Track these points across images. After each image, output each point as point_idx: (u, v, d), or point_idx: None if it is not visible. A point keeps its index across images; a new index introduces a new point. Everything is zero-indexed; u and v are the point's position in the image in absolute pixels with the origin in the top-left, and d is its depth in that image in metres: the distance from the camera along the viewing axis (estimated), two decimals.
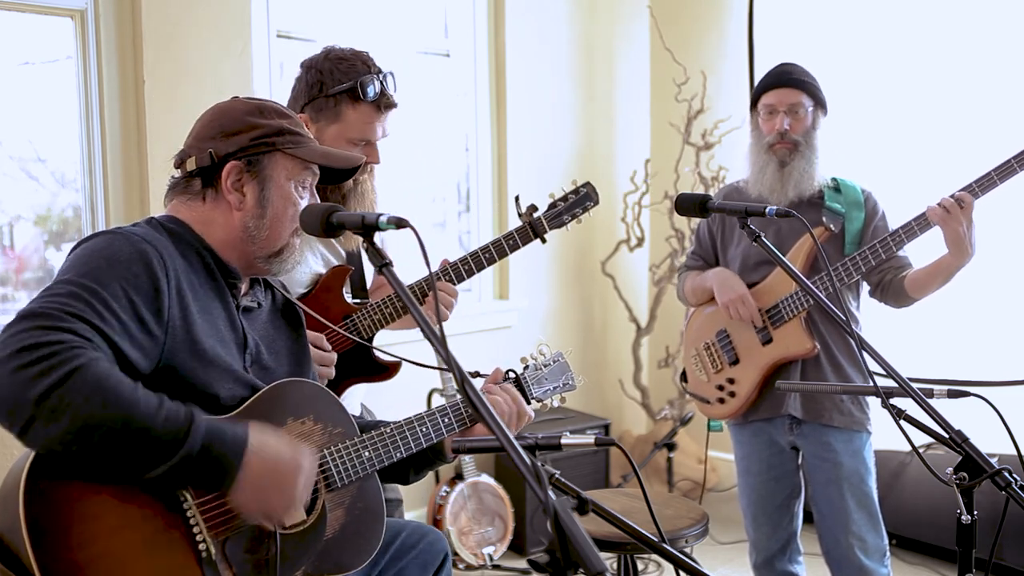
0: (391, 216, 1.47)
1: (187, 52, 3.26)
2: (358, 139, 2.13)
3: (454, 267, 2.28)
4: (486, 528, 3.79)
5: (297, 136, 1.69)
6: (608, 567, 1.04)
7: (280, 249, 1.70)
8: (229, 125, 1.66)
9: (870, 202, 2.69)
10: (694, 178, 4.51)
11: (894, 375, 1.76)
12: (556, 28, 4.51)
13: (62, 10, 3.12)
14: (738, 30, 4.51)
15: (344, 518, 1.73)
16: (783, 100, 2.64)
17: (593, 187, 2.42)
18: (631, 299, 4.71)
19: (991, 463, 1.64)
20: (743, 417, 2.78)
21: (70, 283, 1.44)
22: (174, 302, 1.53)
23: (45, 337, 1.35)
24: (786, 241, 2.67)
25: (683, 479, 4.50)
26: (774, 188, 2.66)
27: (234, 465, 1.46)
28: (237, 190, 1.65)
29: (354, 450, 1.73)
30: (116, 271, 1.47)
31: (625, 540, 2.24)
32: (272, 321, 1.81)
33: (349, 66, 2.13)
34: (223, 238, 1.67)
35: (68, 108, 3.16)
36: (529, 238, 2.34)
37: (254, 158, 1.65)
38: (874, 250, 2.55)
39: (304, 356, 1.86)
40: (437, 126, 4.28)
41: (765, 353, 2.70)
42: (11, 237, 3.24)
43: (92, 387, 1.34)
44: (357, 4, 3.94)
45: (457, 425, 1.87)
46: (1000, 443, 1.99)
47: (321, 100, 2.13)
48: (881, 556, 2.65)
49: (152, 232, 1.59)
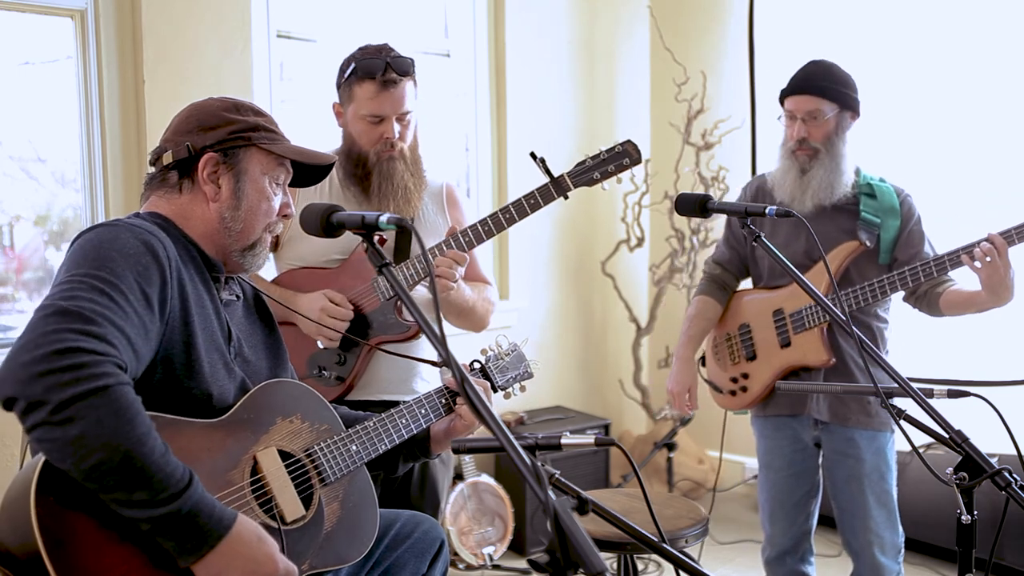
0: (391, 216, 1.49)
1: (187, 52, 3.26)
2: (368, 115, 2.31)
3: (473, 229, 2.32)
4: (486, 528, 3.79)
5: (272, 133, 1.74)
6: (608, 567, 1.04)
7: (253, 243, 1.74)
8: (206, 120, 1.70)
9: (905, 205, 2.64)
10: (694, 178, 4.51)
11: (894, 375, 1.76)
12: (556, 28, 4.51)
13: (62, 10, 3.12)
14: (738, 30, 4.51)
15: (340, 511, 1.77)
16: (800, 107, 2.61)
17: (634, 145, 2.32)
18: (631, 299, 4.70)
19: (991, 463, 1.64)
20: (763, 410, 2.79)
21: (89, 277, 1.46)
22: (175, 293, 1.56)
23: (79, 343, 1.36)
24: (816, 247, 2.65)
25: (683, 479, 4.50)
26: (794, 195, 2.65)
27: (209, 542, 1.43)
28: (213, 182, 1.69)
29: (342, 444, 1.78)
30: (128, 263, 1.50)
31: (625, 540, 2.24)
32: (247, 316, 1.85)
33: (365, 52, 2.33)
34: (202, 231, 1.71)
35: (68, 108, 3.16)
36: (552, 196, 2.32)
37: (230, 151, 1.69)
38: (914, 272, 2.52)
39: (279, 349, 1.90)
40: (437, 126, 4.28)
41: (782, 356, 2.71)
42: (11, 237, 3.24)
43: (110, 411, 1.36)
44: (357, 4, 3.94)
45: (433, 415, 1.93)
46: (1000, 443, 1.99)
47: (343, 86, 2.36)
48: (896, 553, 2.67)
49: (149, 224, 1.62)
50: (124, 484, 1.37)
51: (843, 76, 2.63)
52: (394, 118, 2.32)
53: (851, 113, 2.62)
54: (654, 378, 4.84)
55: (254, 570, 1.48)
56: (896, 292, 2.58)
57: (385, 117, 2.31)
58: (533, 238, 4.46)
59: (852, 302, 2.57)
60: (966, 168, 3.74)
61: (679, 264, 4.57)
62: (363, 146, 2.35)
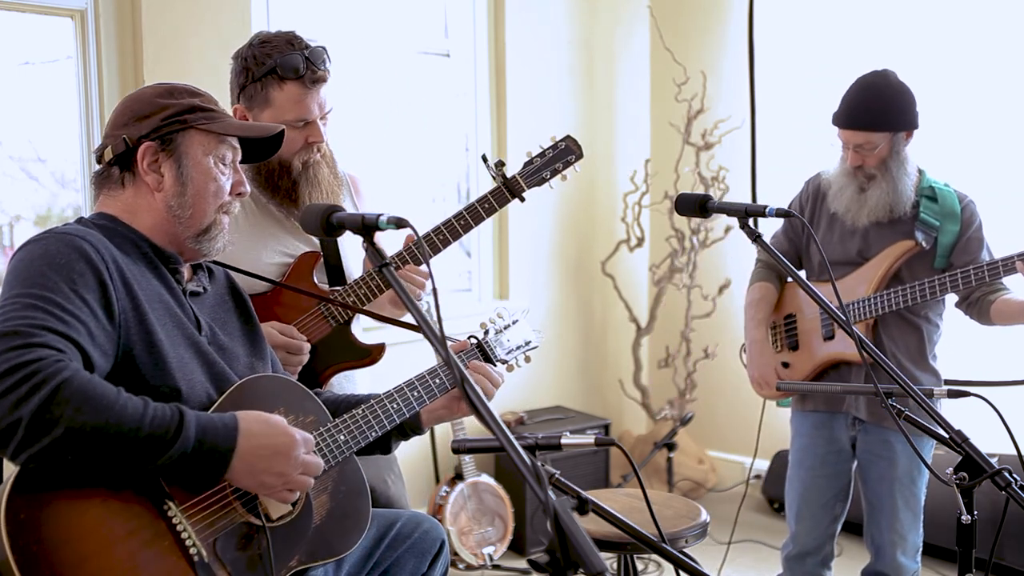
0: (391, 216, 1.49)
1: (187, 52, 3.26)
2: (293, 120, 2.06)
3: (427, 239, 2.15)
4: (486, 528, 3.79)
5: (210, 112, 1.70)
6: (608, 567, 1.04)
7: (207, 227, 1.70)
8: (140, 109, 1.67)
9: (967, 212, 2.61)
10: (694, 178, 4.51)
11: (894, 375, 1.76)
12: (556, 28, 4.51)
13: (62, 10, 3.12)
14: (738, 30, 4.51)
15: (329, 503, 1.74)
16: (850, 140, 2.59)
17: (574, 140, 2.28)
18: (631, 299, 4.70)
19: (991, 463, 1.64)
20: (802, 405, 2.80)
21: (22, 296, 1.44)
22: (121, 293, 1.54)
23: (23, 357, 1.36)
24: (873, 246, 2.66)
25: (683, 479, 4.51)
26: (850, 208, 2.64)
27: (227, 452, 1.49)
28: (155, 171, 1.66)
29: (329, 436, 1.74)
30: (61, 274, 1.47)
31: (625, 540, 2.23)
32: (220, 305, 1.81)
33: (272, 47, 2.07)
34: (151, 223, 1.67)
35: (68, 108, 3.16)
36: (506, 199, 2.20)
37: (167, 136, 1.65)
38: (965, 276, 2.50)
39: (257, 338, 1.86)
40: (437, 126, 4.28)
41: (824, 348, 2.73)
42: (11, 237, 3.24)
43: (80, 397, 1.37)
44: (357, 4, 3.94)
45: (427, 397, 1.85)
46: (1000, 443, 1.99)
47: (250, 87, 2.08)
48: (916, 552, 2.69)
49: (83, 229, 1.59)
50: (128, 449, 1.41)
51: (892, 98, 2.57)
52: (319, 118, 2.10)
53: (906, 132, 2.59)
54: (654, 378, 4.84)
55: (275, 450, 1.53)
56: (946, 294, 2.56)
57: (312, 120, 2.09)
58: (533, 238, 4.46)
59: (899, 300, 2.56)
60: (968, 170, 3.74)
61: (679, 264, 4.57)
62: (284, 155, 2.07)
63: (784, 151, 4.37)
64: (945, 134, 3.54)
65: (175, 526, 1.51)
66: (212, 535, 1.55)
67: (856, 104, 2.58)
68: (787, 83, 4.39)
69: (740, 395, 4.49)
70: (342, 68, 3.65)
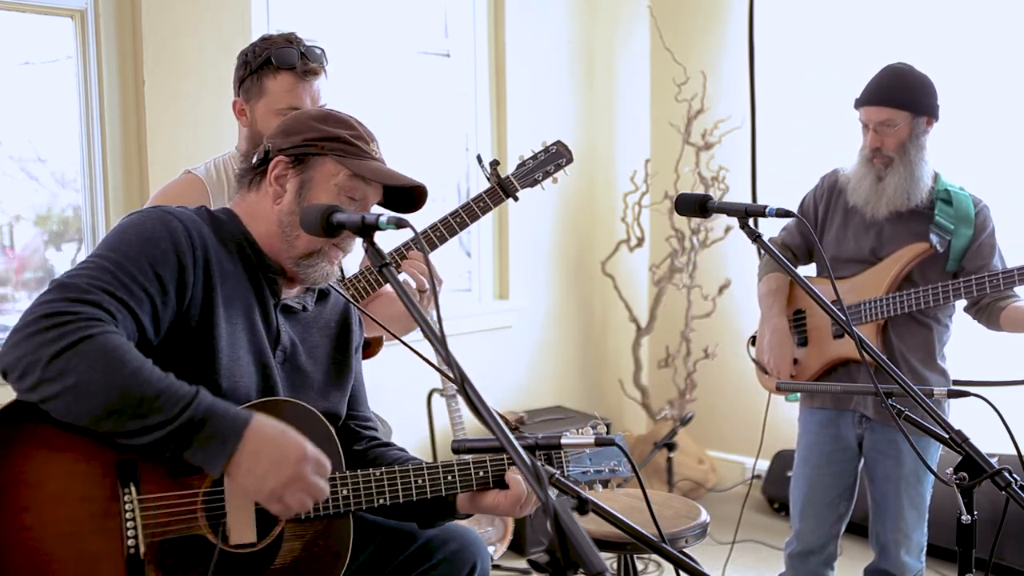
0: (391, 216, 1.48)
1: (187, 52, 3.26)
2: (284, 108, 2.14)
3: (425, 235, 2.24)
4: (486, 528, 3.79)
5: (354, 147, 1.70)
6: (608, 567, 1.04)
7: (310, 253, 1.69)
8: (292, 126, 1.72)
9: (981, 216, 2.62)
10: (694, 178, 4.51)
11: (894, 375, 1.76)
12: (556, 28, 4.51)
13: (62, 10, 3.12)
14: (738, 30, 4.51)
15: (299, 552, 1.64)
16: (872, 118, 2.59)
17: (564, 145, 2.38)
18: (631, 299, 4.70)
19: (991, 463, 1.64)
20: (810, 401, 2.79)
21: (101, 257, 1.52)
22: (198, 280, 1.58)
23: (67, 308, 1.42)
24: (886, 245, 2.66)
25: (683, 479, 4.50)
26: (868, 199, 2.64)
27: (232, 440, 1.47)
28: (280, 184, 1.70)
29: (331, 486, 1.63)
30: (145, 246, 1.54)
31: (625, 540, 2.23)
32: (320, 328, 1.82)
33: (270, 43, 2.18)
34: (264, 231, 1.71)
35: (68, 108, 3.16)
36: (500, 198, 2.31)
37: (302, 156, 1.69)
38: (980, 282, 2.51)
39: (344, 371, 1.84)
40: (437, 126, 4.28)
41: (833, 346, 2.73)
42: (11, 237, 3.24)
43: (98, 355, 1.41)
44: (357, 4, 3.94)
45: (461, 486, 1.74)
46: (1000, 443, 1.99)
47: (248, 79, 2.19)
48: (920, 551, 2.69)
49: (191, 214, 1.64)
50: (134, 415, 1.42)
51: (915, 81, 2.60)
52: None
53: (927, 118, 2.60)
54: (654, 378, 4.84)
55: (282, 457, 1.49)
56: (958, 299, 2.57)
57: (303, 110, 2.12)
58: (533, 238, 4.46)
59: (913, 303, 2.57)
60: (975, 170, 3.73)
61: (679, 264, 4.57)
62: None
63: (784, 151, 4.37)
64: (958, 137, 3.53)
65: (125, 512, 1.50)
66: (161, 535, 1.52)
67: (880, 83, 2.61)
68: (787, 83, 4.39)
69: (740, 395, 4.50)
70: (342, 68, 3.66)
